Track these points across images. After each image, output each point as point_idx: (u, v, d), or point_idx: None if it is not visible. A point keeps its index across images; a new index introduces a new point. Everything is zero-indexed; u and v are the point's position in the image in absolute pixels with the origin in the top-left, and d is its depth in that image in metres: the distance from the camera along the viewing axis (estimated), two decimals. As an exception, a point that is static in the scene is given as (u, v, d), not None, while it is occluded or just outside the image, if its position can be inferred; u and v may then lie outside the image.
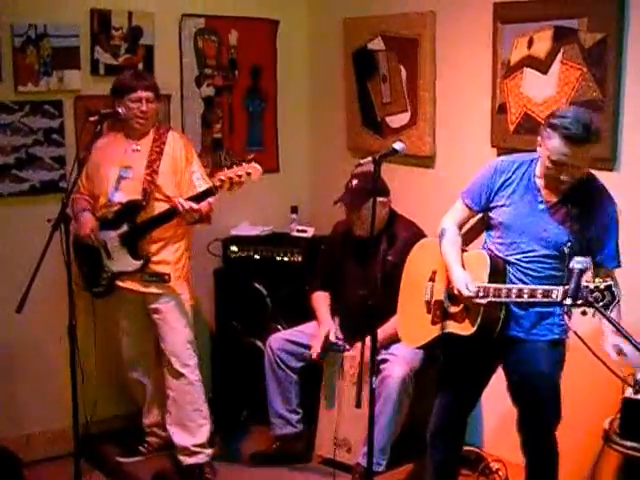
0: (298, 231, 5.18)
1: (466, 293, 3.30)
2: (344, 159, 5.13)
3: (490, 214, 3.48)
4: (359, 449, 4.31)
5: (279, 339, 4.59)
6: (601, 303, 2.89)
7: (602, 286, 2.91)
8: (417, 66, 4.57)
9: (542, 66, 3.92)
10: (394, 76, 4.75)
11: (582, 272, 2.96)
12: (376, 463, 4.07)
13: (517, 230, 3.38)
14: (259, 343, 4.78)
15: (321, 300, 4.64)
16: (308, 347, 4.52)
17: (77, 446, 3.80)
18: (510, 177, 3.42)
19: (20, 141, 4.45)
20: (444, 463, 3.77)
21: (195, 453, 4.34)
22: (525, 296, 3.16)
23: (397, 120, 4.77)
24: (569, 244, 3.23)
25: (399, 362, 4.26)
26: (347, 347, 4.41)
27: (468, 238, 3.64)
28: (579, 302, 2.91)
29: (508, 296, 3.22)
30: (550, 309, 3.34)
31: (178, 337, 4.29)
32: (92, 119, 4.04)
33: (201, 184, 4.18)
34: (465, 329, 3.40)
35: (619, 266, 3.30)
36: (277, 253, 4.98)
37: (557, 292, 3.04)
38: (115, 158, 4.25)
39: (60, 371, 4.00)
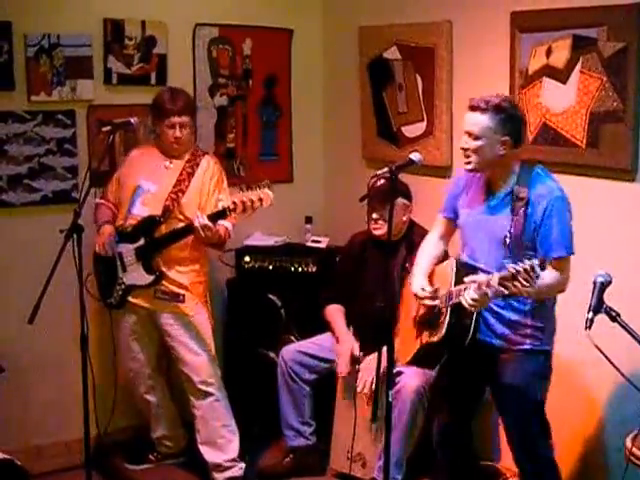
0: (312, 241, 5.14)
1: (421, 294, 3.48)
2: (359, 169, 5.09)
3: (458, 221, 3.61)
4: (374, 463, 4.27)
5: (292, 351, 4.56)
6: (530, 287, 2.95)
7: (528, 265, 2.93)
8: (434, 75, 4.52)
9: (561, 75, 3.86)
10: (410, 85, 4.71)
11: (604, 285, 2.93)
12: (392, 477, 4.02)
13: (471, 230, 3.50)
14: (272, 355, 4.74)
15: (336, 313, 4.58)
16: (321, 359, 4.48)
17: (88, 457, 3.78)
18: (468, 179, 3.56)
19: (33, 151, 4.44)
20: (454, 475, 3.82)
21: (228, 468, 4.33)
22: (473, 289, 3.17)
23: (413, 130, 4.73)
24: (509, 235, 3.30)
25: (413, 374, 4.20)
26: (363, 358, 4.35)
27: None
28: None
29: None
30: (519, 317, 3.39)
31: (197, 357, 4.26)
32: (105, 129, 4.06)
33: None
34: (435, 336, 3.45)
35: (565, 254, 3.27)
36: (291, 264, 4.94)
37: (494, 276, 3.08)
38: (145, 171, 4.25)
39: (71, 382, 3.96)
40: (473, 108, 3.33)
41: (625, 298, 3.15)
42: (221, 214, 3.98)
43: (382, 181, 4.23)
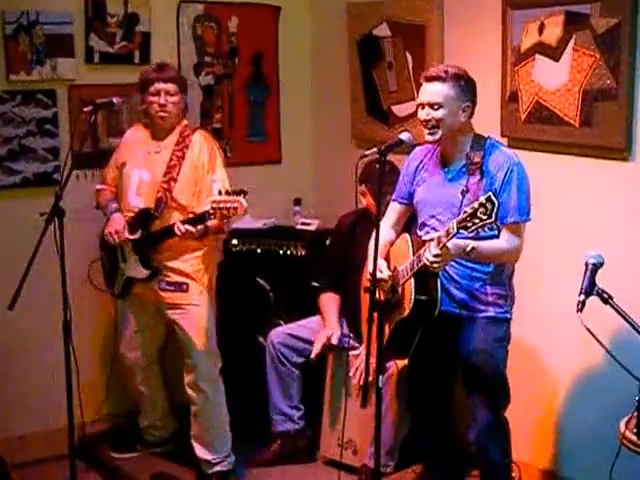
0: (302, 224, 5.06)
1: (379, 276, 3.46)
2: (349, 149, 5.03)
3: (413, 202, 3.68)
4: (365, 450, 4.22)
5: (281, 333, 4.51)
6: (491, 218, 2.96)
7: (483, 200, 2.98)
8: (424, 53, 4.45)
9: (554, 53, 3.79)
10: (400, 63, 4.64)
11: (596, 267, 2.90)
12: (383, 464, 3.99)
13: (431, 204, 3.56)
14: (261, 339, 4.67)
15: (330, 302, 4.51)
16: (310, 342, 4.42)
17: (72, 446, 3.70)
18: (422, 161, 3.65)
19: (12, 132, 4.36)
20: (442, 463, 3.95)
21: (218, 463, 4.27)
22: (433, 245, 3.20)
23: (403, 109, 4.66)
24: (461, 195, 3.38)
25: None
26: (356, 345, 4.27)
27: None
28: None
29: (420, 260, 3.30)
30: (478, 286, 3.49)
31: (199, 351, 4.18)
32: (86, 109, 3.95)
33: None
34: (405, 311, 3.47)
35: (522, 220, 3.39)
36: (280, 246, 4.88)
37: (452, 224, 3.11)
38: (138, 159, 4.17)
39: (55, 370, 3.89)
40: (432, 78, 3.44)
41: (618, 279, 3.11)
42: (201, 219, 3.88)
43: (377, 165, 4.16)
